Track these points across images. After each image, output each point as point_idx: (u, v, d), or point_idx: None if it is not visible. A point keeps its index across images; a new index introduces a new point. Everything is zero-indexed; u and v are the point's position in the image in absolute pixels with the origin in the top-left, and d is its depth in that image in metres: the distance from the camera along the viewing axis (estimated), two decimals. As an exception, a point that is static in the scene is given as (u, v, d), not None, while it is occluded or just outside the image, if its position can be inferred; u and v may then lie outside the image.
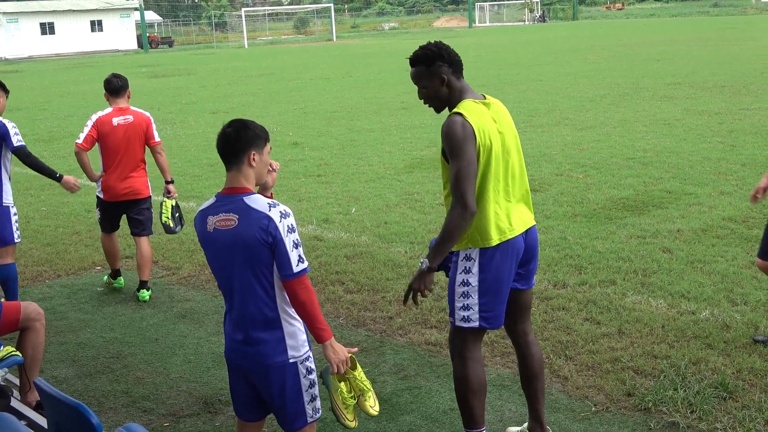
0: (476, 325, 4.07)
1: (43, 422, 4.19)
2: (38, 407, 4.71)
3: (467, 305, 4.04)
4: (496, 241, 3.96)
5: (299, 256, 3.42)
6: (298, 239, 3.44)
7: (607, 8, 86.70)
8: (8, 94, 6.78)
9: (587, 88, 20.98)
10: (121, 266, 7.63)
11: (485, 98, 4.04)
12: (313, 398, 3.60)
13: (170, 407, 5.13)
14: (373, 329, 6.19)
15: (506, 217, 3.98)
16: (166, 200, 7.34)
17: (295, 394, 3.54)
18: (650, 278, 6.85)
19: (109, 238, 7.41)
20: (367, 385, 3.77)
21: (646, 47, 34.09)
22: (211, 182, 11.75)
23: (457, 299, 4.07)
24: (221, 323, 5.74)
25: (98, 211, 7.42)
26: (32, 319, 4.82)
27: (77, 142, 7.03)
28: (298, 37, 75.25)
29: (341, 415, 3.69)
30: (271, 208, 3.42)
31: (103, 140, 7.10)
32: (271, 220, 3.39)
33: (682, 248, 7.56)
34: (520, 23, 76.86)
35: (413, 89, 4.21)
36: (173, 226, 7.33)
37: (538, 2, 79.82)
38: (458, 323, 4.10)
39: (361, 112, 18.87)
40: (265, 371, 3.50)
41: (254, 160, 3.49)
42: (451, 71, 3.97)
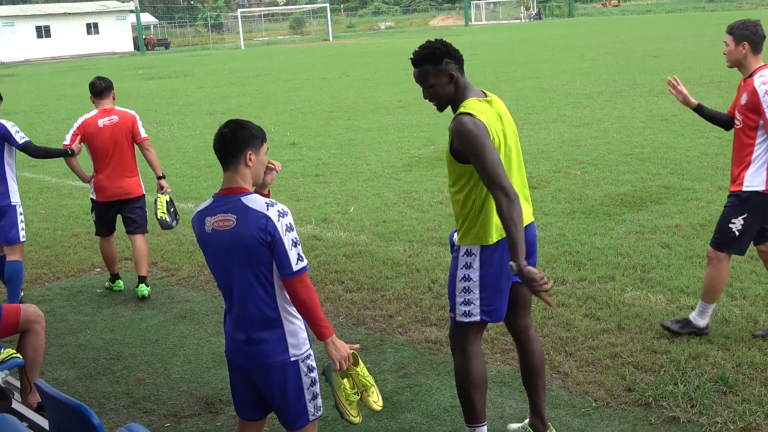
0: (477, 319, 4.07)
1: (44, 423, 4.19)
2: (39, 409, 4.71)
3: (468, 300, 4.05)
4: (496, 238, 3.97)
5: (298, 254, 3.42)
6: (296, 238, 3.44)
7: (602, 5, 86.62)
8: (1, 100, 6.84)
9: (584, 85, 20.99)
10: (120, 269, 7.65)
11: (486, 95, 4.05)
12: (314, 396, 3.61)
13: (171, 408, 5.13)
14: (373, 328, 6.19)
15: None
16: (160, 196, 7.42)
17: (296, 392, 3.54)
18: (649, 274, 6.85)
19: (106, 242, 7.43)
20: (369, 380, 3.78)
21: (642, 44, 34.11)
22: (208, 183, 11.75)
23: (458, 294, 4.07)
24: (221, 323, 5.74)
25: (93, 214, 7.47)
26: (32, 321, 4.83)
27: (63, 143, 7.15)
28: (294, 37, 75.26)
29: (345, 411, 3.69)
30: (269, 207, 3.42)
31: (90, 142, 7.19)
32: (269, 219, 3.39)
33: (680, 243, 7.57)
34: (516, 21, 76.91)
35: (410, 88, 4.24)
36: (169, 220, 7.41)
37: (533, 0, 79.85)
38: (459, 318, 4.10)
39: (358, 111, 18.86)
40: (266, 370, 3.50)
41: (251, 160, 3.49)
42: (457, 68, 3.97)
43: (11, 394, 4.86)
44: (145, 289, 7.16)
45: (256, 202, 3.44)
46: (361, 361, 3.78)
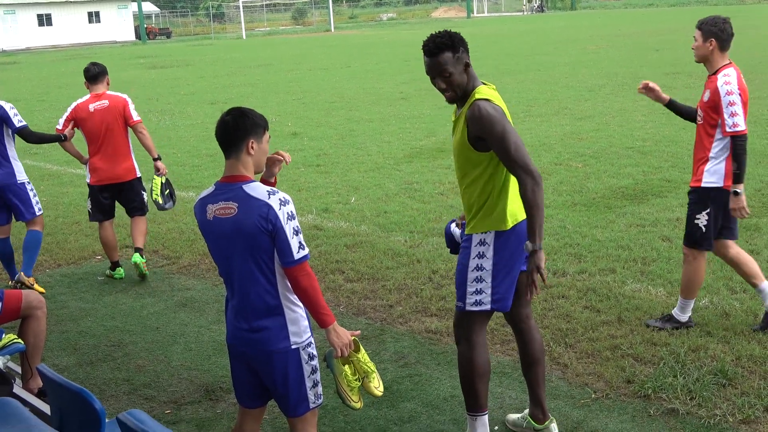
0: (488, 308, 4.09)
1: (46, 408, 4.20)
2: (40, 394, 4.73)
3: (480, 289, 4.06)
4: (510, 224, 4.00)
5: (300, 242, 3.42)
6: (298, 226, 3.44)
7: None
8: None
9: (586, 77, 20.96)
10: (120, 257, 7.67)
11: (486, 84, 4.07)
12: (315, 384, 3.62)
13: (171, 395, 5.15)
14: (373, 317, 6.21)
15: (517, 199, 4.00)
16: (155, 178, 7.52)
17: (297, 380, 3.55)
18: (649, 266, 6.86)
19: (104, 229, 7.45)
20: (371, 366, 3.80)
21: (644, 37, 34.04)
22: (210, 172, 11.75)
23: (469, 284, 4.07)
24: (222, 312, 5.75)
25: (89, 200, 7.49)
26: (34, 307, 4.85)
27: (57, 128, 7.32)
28: (296, 27, 75.09)
29: (347, 397, 3.71)
30: (270, 195, 3.42)
31: (82, 126, 7.32)
32: (270, 207, 3.39)
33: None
34: (518, 13, 76.70)
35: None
36: (163, 202, 7.51)
37: (536, -8, 79.67)
38: (470, 307, 4.11)
39: (359, 102, 18.84)
40: (267, 357, 3.51)
41: (252, 148, 3.49)
42: (468, 56, 3.97)
43: (12, 379, 4.88)
44: (138, 258, 7.21)
45: (257, 190, 3.45)
46: (362, 347, 3.80)
